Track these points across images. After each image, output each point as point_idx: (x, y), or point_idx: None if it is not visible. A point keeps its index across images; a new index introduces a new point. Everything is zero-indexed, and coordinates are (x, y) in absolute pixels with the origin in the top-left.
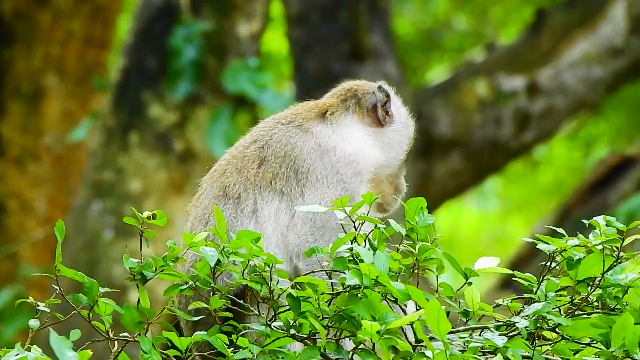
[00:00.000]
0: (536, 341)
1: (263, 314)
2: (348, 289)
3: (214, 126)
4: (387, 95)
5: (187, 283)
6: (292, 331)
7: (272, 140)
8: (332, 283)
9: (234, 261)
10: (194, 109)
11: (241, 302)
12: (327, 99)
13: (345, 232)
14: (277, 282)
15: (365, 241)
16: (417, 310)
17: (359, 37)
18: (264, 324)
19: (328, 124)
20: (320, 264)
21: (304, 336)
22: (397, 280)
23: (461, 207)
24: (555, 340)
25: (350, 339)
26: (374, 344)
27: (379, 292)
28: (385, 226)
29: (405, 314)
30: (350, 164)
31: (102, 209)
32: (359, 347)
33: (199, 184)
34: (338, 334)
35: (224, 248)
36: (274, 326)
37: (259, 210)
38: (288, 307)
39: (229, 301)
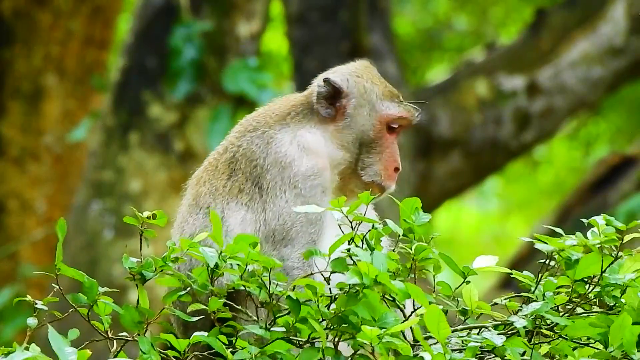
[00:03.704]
0: (534, 339)
1: (259, 317)
2: (347, 289)
3: (214, 126)
4: (336, 88)
5: (185, 288)
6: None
7: (239, 154)
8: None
9: (231, 264)
10: (194, 109)
11: (239, 307)
12: (302, 94)
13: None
14: (277, 286)
15: (362, 241)
16: (415, 309)
17: (359, 36)
18: (262, 327)
19: (288, 130)
20: (286, 272)
21: (303, 340)
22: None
23: (461, 207)
24: (553, 338)
25: (348, 345)
26: (373, 347)
27: (378, 292)
28: (382, 225)
29: (404, 313)
30: (308, 178)
31: (102, 209)
32: (358, 352)
33: (184, 187)
34: (337, 337)
35: (221, 252)
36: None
37: (226, 219)
38: (287, 312)
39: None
